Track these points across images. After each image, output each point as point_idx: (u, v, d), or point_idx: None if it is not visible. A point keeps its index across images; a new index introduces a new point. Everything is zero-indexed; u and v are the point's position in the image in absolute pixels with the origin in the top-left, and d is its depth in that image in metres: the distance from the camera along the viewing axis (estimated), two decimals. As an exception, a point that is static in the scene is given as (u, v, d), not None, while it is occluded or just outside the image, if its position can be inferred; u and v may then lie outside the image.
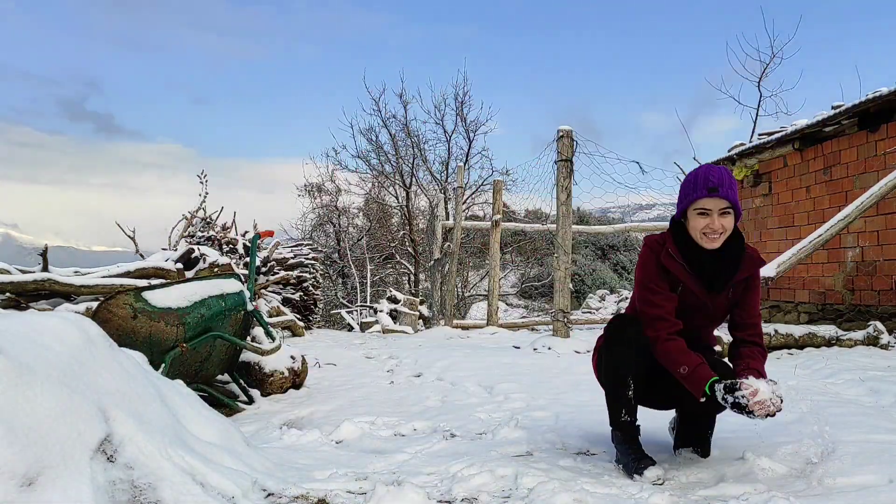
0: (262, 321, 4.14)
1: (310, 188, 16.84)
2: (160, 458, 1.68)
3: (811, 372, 4.43)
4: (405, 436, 2.98)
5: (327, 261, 15.94)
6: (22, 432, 1.43)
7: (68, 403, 1.56)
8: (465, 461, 2.33)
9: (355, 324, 10.44)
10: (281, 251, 9.24)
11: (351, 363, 5.50)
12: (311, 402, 3.86)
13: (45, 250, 5.03)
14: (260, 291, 7.90)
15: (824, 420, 2.82)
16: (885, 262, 6.30)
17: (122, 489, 1.57)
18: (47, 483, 1.42)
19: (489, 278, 9.77)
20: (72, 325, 1.83)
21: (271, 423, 3.26)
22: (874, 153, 6.53)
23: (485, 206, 16.12)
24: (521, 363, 5.09)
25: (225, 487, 1.75)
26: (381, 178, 16.10)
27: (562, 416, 3.21)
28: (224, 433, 2.19)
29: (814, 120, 7.13)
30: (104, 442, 1.61)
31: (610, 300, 13.10)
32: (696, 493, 2.06)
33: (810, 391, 3.60)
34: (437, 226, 10.73)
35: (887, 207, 6.22)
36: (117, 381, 1.83)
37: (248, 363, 4.15)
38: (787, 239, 7.70)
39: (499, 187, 9.93)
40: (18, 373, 1.49)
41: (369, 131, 15.92)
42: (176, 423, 1.94)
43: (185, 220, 8.93)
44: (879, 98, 6.20)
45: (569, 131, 6.68)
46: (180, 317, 3.38)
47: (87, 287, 5.04)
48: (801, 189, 7.63)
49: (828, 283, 7.05)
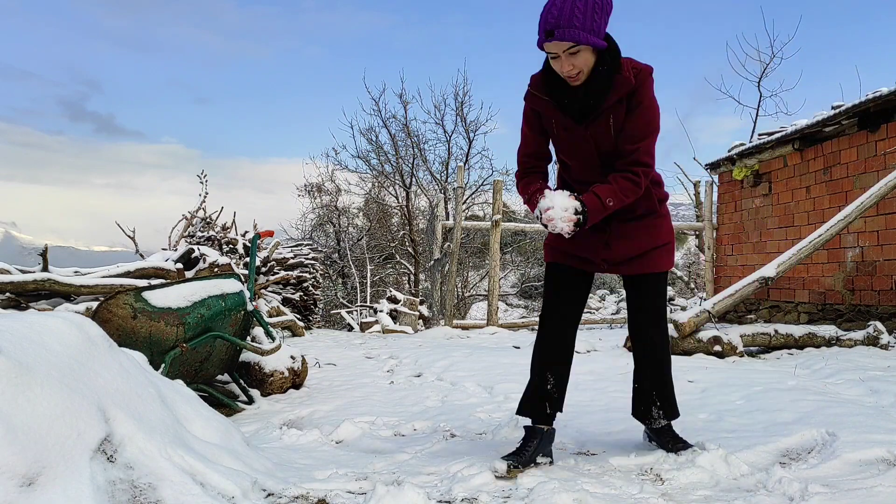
0: (262, 321, 4.14)
1: (310, 188, 16.84)
2: (160, 458, 1.68)
3: (811, 372, 4.43)
4: (405, 436, 2.98)
5: (327, 261, 15.93)
6: (22, 432, 1.43)
7: (68, 403, 1.56)
8: (465, 461, 2.33)
9: (355, 324, 10.43)
10: (281, 251, 9.24)
11: (351, 363, 5.50)
12: (311, 402, 3.86)
13: (45, 250, 5.03)
14: (260, 291, 7.90)
15: (824, 420, 2.82)
16: (885, 262, 6.30)
17: (122, 489, 1.57)
18: (47, 483, 1.42)
19: (489, 278, 9.77)
20: (72, 325, 1.83)
21: (271, 423, 3.26)
22: (874, 153, 6.53)
23: (485, 206, 16.12)
24: (521, 363, 5.09)
25: (225, 487, 1.75)
26: (381, 178, 16.10)
27: (562, 416, 3.20)
28: (224, 433, 2.19)
29: (814, 120, 7.13)
30: (104, 442, 1.61)
31: (610, 300, 13.10)
32: (696, 493, 2.06)
33: (810, 391, 3.60)
34: (437, 226, 10.73)
35: (887, 207, 6.22)
36: (117, 381, 1.83)
37: (248, 363, 4.15)
38: (787, 239, 7.70)
39: (499, 187, 9.93)
40: (18, 373, 1.49)
41: (369, 131, 15.92)
42: (176, 423, 1.94)
43: (184, 220, 8.93)
44: (879, 98, 6.20)
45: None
46: (180, 317, 3.38)
47: (87, 287, 5.04)
48: (801, 189, 7.63)
49: (828, 283, 7.05)
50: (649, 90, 2.07)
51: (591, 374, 4.56)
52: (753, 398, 3.49)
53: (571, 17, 1.87)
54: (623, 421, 3.11)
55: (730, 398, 3.55)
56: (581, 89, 2.05)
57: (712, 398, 3.58)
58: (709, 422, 3.06)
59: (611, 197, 2.06)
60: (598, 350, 6.00)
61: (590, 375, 4.49)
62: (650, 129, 2.10)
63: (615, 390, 3.90)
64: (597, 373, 4.59)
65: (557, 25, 1.89)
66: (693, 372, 4.50)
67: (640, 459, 2.41)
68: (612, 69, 2.02)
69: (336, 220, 17.01)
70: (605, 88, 2.04)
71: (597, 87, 2.03)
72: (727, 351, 5.35)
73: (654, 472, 2.29)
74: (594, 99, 2.06)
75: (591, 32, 1.91)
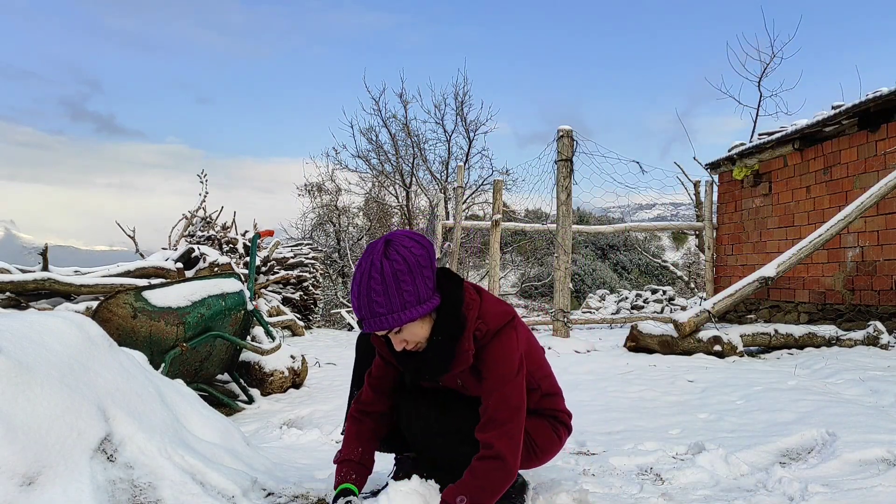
0: (262, 321, 4.14)
1: (310, 188, 16.85)
2: (160, 457, 1.68)
3: (811, 372, 4.43)
4: (405, 435, 2.97)
5: (327, 260, 15.93)
6: (22, 432, 1.43)
7: (68, 403, 1.56)
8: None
9: (355, 323, 10.43)
10: (281, 251, 9.24)
11: (351, 362, 5.50)
12: (311, 401, 3.86)
13: (45, 250, 5.03)
14: (260, 291, 7.90)
15: (824, 420, 2.82)
16: (885, 262, 6.30)
17: (122, 488, 1.57)
18: (47, 482, 1.42)
19: (489, 278, 9.77)
20: (72, 324, 1.83)
21: (271, 423, 3.26)
22: (874, 153, 6.53)
23: (485, 206, 16.12)
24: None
25: (225, 487, 1.75)
26: (381, 177, 16.10)
27: (562, 416, 3.21)
28: (224, 433, 2.19)
29: (814, 120, 7.13)
30: (104, 441, 1.61)
31: (610, 300, 13.08)
32: (696, 492, 2.06)
33: (810, 391, 3.60)
34: (437, 225, 10.73)
35: (887, 207, 6.22)
36: (117, 380, 1.83)
37: (249, 363, 4.15)
38: (787, 239, 7.70)
39: (499, 187, 9.93)
40: (19, 372, 1.49)
41: (369, 131, 15.92)
42: (176, 423, 1.94)
43: (185, 220, 8.93)
44: (879, 98, 6.20)
45: (569, 131, 6.68)
46: (180, 316, 3.38)
47: (88, 287, 5.04)
48: (802, 189, 7.63)
49: (828, 283, 7.05)
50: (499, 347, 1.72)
51: (591, 374, 4.56)
52: (753, 398, 3.49)
53: (371, 305, 1.61)
54: (623, 421, 3.11)
55: (730, 398, 3.55)
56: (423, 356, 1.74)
57: (712, 398, 3.58)
58: (709, 422, 3.06)
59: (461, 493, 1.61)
60: (598, 350, 6.00)
61: (590, 375, 4.49)
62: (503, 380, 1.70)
63: (615, 390, 3.90)
64: (597, 373, 4.59)
65: (363, 317, 1.63)
66: (693, 372, 4.50)
67: (640, 459, 2.41)
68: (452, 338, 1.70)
69: (336, 219, 17.01)
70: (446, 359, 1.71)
71: (435, 357, 1.71)
72: (727, 351, 5.35)
73: (654, 471, 2.29)
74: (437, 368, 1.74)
75: (403, 308, 1.61)
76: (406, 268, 1.62)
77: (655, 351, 5.61)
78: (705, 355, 5.35)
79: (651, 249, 18.75)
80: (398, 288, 1.61)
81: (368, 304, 1.61)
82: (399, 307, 1.61)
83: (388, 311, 1.61)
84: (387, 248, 1.63)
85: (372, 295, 1.60)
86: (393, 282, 1.60)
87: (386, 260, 1.61)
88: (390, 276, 1.60)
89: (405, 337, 1.67)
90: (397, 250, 1.62)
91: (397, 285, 1.61)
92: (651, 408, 3.41)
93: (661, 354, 5.50)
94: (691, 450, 2.53)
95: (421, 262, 1.65)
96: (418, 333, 1.68)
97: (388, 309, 1.61)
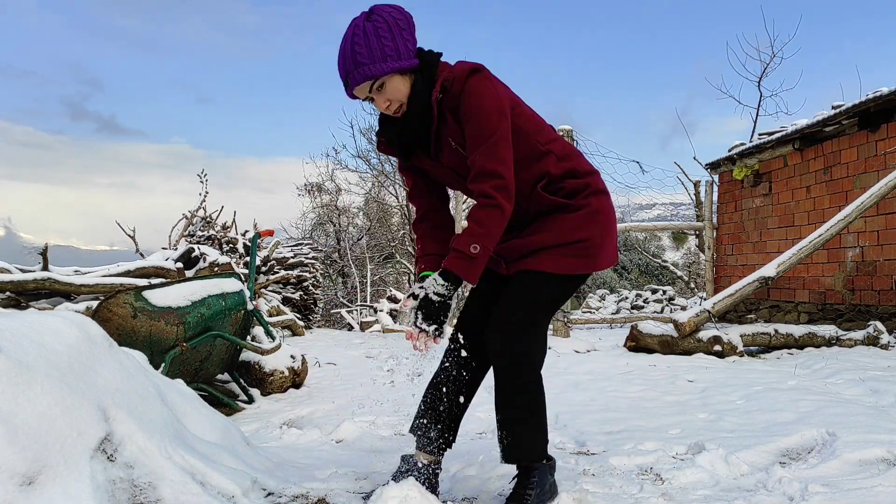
0: (262, 320, 4.14)
1: (310, 188, 16.86)
2: (160, 457, 1.68)
3: (811, 372, 4.43)
4: (405, 435, 2.97)
5: (327, 260, 15.94)
6: (22, 431, 1.43)
7: (68, 402, 1.56)
8: (465, 461, 2.33)
9: (355, 323, 10.44)
10: (281, 250, 9.24)
11: (351, 362, 5.50)
12: (311, 401, 3.86)
13: (45, 249, 5.03)
14: (260, 291, 7.90)
15: (824, 420, 2.82)
16: (885, 262, 6.30)
17: (122, 488, 1.57)
18: (47, 482, 1.42)
19: (489, 278, 9.75)
20: (72, 324, 1.83)
21: (271, 423, 3.26)
22: (874, 153, 6.53)
23: (485, 206, 16.10)
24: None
25: (225, 486, 1.75)
26: (381, 177, 16.10)
27: (561, 416, 3.21)
28: (224, 432, 2.19)
29: (814, 120, 7.13)
30: (104, 441, 1.61)
31: (610, 300, 13.07)
32: (696, 492, 2.06)
33: (810, 391, 3.60)
34: (438, 225, 10.71)
35: (887, 207, 6.22)
36: (117, 380, 1.83)
37: (249, 362, 4.15)
38: (787, 239, 7.70)
39: (499, 187, 9.92)
40: (18, 372, 1.49)
41: (369, 130, 15.92)
42: (176, 423, 1.94)
43: (185, 220, 8.94)
44: (879, 98, 6.20)
45: (569, 130, 6.67)
46: (180, 316, 3.38)
47: (87, 286, 5.04)
48: (802, 189, 7.63)
49: (828, 283, 7.05)
50: (471, 95, 1.77)
51: (591, 373, 4.56)
52: (753, 398, 3.49)
53: (354, 56, 1.73)
54: (623, 421, 3.11)
55: (730, 398, 3.55)
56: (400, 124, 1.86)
57: (712, 398, 3.58)
58: (709, 422, 3.06)
59: (473, 241, 1.72)
60: (598, 350, 6.00)
61: (590, 375, 4.49)
62: (485, 133, 1.75)
63: (615, 390, 3.90)
64: (597, 373, 4.59)
65: (347, 71, 1.75)
66: (693, 372, 4.50)
67: (640, 459, 2.41)
68: (427, 89, 1.80)
69: (336, 219, 17.02)
70: (425, 112, 1.81)
71: (414, 112, 1.82)
72: (727, 351, 5.35)
73: (654, 471, 2.29)
74: (420, 126, 1.84)
75: (384, 59, 1.73)
76: (386, 26, 1.75)
77: (655, 351, 5.61)
78: (705, 355, 5.35)
79: (651, 249, 18.74)
80: (379, 42, 1.74)
81: (353, 57, 1.74)
82: (380, 58, 1.74)
83: (371, 60, 1.73)
84: (369, 14, 1.78)
85: (355, 48, 1.73)
86: (374, 36, 1.74)
87: (368, 22, 1.75)
88: (372, 31, 1.74)
89: (388, 95, 1.79)
90: (379, 13, 1.77)
91: (378, 39, 1.74)
92: (651, 408, 3.41)
93: (661, 354, 5.50)
94: (691, 450, 2.53)
95: (401, 24, 1.78)
96: (400, 90, 1.79)
97: (370, 59, 1.73)
